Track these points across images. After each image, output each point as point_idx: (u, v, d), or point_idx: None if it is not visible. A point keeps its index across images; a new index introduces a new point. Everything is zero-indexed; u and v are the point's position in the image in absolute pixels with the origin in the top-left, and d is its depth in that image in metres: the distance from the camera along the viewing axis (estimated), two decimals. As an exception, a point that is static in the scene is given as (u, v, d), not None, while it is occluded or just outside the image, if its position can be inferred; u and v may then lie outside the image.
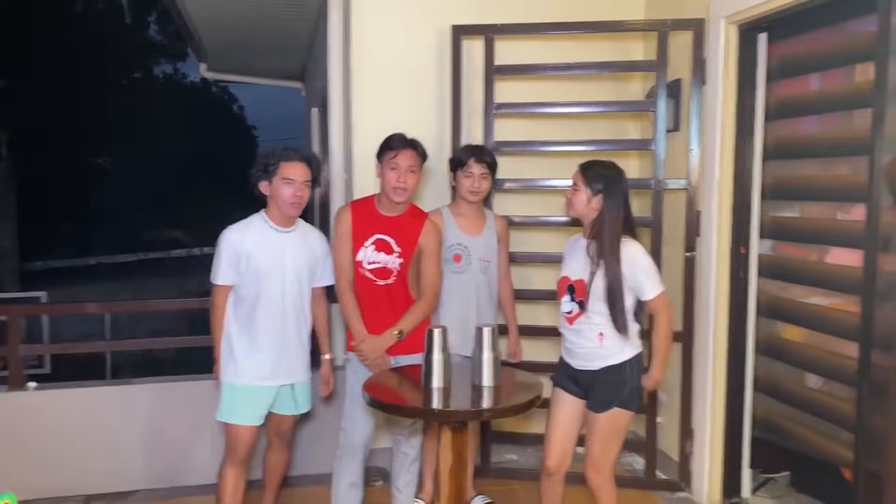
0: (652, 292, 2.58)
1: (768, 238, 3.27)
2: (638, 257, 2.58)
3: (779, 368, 3.24)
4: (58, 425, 3.60)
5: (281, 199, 2.80)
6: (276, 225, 2.86)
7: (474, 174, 3.11)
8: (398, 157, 2.91)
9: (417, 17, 3.68)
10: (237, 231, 2.84)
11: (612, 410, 2.59)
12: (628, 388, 2.59)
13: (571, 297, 2.65)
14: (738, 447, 3.35)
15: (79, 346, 5.58)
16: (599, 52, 3.71)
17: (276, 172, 2.79)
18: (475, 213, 3.23)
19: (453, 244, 3.17)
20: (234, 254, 2.80)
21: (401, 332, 2.95)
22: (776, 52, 3.19)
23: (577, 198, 2.63)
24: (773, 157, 3.23)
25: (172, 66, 21.12)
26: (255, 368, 2.85)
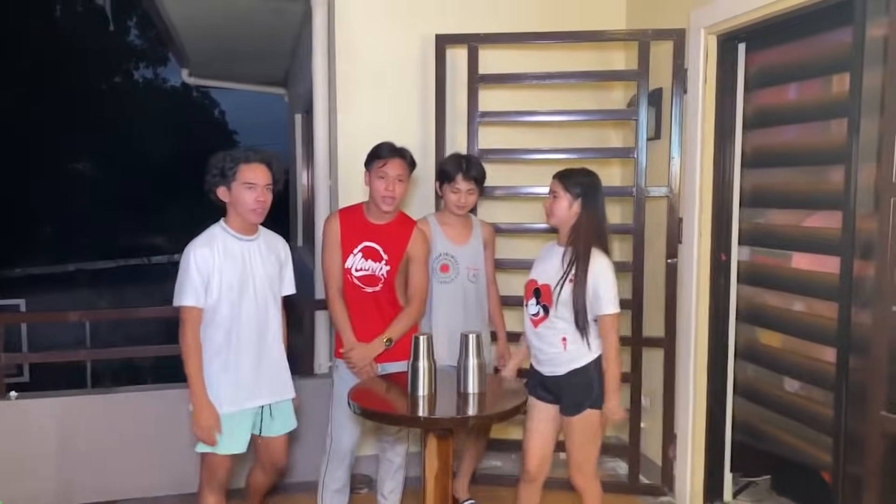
0: (607, 309, 2.60)
1: (747, 245, 3.32)
2: (604, 272, 2.61)
3: (758, 373, 3.29)
4: (40, 434, 3.56)
5: (242, 205, 2.60)
6: (238, 234, 2.66)
7: (461, 190, 3.10)
8: (386, 165, 2.92)
9: (401, 26, 3.71)
10: (203, 245, 2.59)
11: (585, 412, 2.63)
12: (596, 389, 2.64)
13: (537, 300, 2.71)
14: (720, 451, 3.39)
15: (60, 354, 5.55)
16: (582, 62, 3.75)
17: (235, 177, 2.59)
18: (462, 222, 3.24)
19: (441, 254, 3.17)
20: (203, 272, 2.56)
21: (389, 340, 2.97)
22: (755, 62, 3.25)
23: (557, 205, 2.68)
24: (751, 165, 3.28)
25: (153, 71, 21.00)
26: (232, 392, 2.64)
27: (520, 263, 3.69)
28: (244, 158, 2.61)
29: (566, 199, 2.66)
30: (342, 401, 2.87)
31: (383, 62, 3.71)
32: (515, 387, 2.71)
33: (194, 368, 2.58)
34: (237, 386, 2.65)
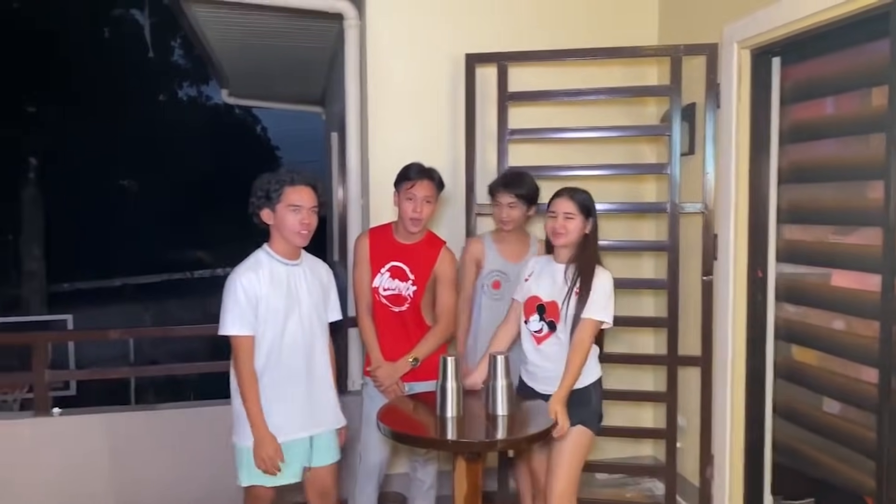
0: (593, 314, 2.61)
1: (784, 261, 3.24)
2: (604, 283, 2.66)
3: (798, 393, 3.20)
4: (82, 450, 3.64)
5: (287, 228, 2.55)
6: (283, 258, 2.61)
7: (502, 204, 3.11)
8: (414, 187, 2.94)
9: (431, 45, 3.73)
10: (249, 271, 2.54)
11: (576, 428, 2.62)
12: (591, 409, 2.67)
13: (541, 316, 2.70)
14: (759, 473, 3.31)
15: (103, 372, 5.71)
16: (613, 77, 3.72)
17: (279, 199, 2.54)
18: (517, 240, 3.23)
19: (493, 270, 3.18)
20: (251, 298, 2.50)
21: (416, 360, 2.98)
22: (790, 76, 3.18)
23: (573, 224, 2.68)
24: (787, 181, 3.21)
25: (196, 89, 21.45)
26: (283, 422, 2.58)
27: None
28: (289, 180, 2.56)
29: (580, 219, 2.68)
30: (371, 420, 2.87)
31: (414, 82, 3.74)
32: (544, 407, 2.67)
33: (252, 399, 2.52)
34: (288, 415, 2.59)
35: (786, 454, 3.28)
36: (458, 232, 3.60)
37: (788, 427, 3.25)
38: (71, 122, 16.29)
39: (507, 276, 3.17)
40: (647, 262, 4.00)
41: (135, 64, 17.34)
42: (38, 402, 3.76)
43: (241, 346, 2.52)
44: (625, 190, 3.88)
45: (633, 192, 3.91)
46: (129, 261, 18.88)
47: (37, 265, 14.67)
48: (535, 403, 2.65)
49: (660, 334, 3.83)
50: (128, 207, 19.75)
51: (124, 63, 16.95)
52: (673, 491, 3.57)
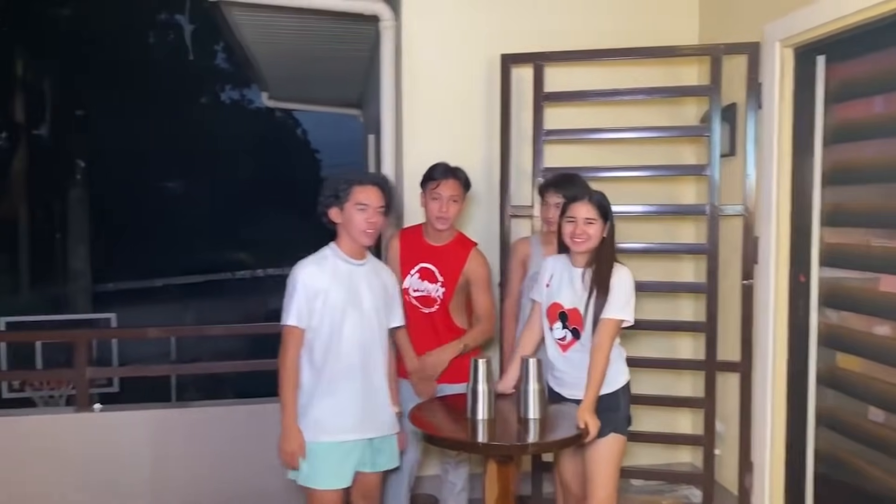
0: (612, 313, 2.54)
1: (828, 265, 3.15)
2: (624, 281, 2.59)
3: (842, 401, 3.11)
4: (122, 445, 3.71)
5: (354, 226, 2.59)
6: (348, 257, 2.65)
7: (550, 204, 3.03)
8: (440, 186, 2.95)
9: (467, 47, 3.72)
10: (312, 265, 2.60)
11: (610, 436, 2.57)
12: (622, 415, 2.62)
13: (564, 324, 2.64)
14: (801, 483, 3.21)
15: (143, 369, 5.81)
16: (652, 77, 3.66)
17: (347, 198, 2.59)
18: None
19: (537, 272, 3.14)
20: (310, 291, 2.55)
21: (466, 346, 3.00)
22: (835, 75, 3.09)
23: (594, 230, 2.59)
24: (832, 183, 3.12)
25: (239, 93, 21.78)
26: (333, 421, 2.58)
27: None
28: (358, 180, 2.63)
29: (600, 222, 2.61)
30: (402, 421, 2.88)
31: (449, 82, 3.73)
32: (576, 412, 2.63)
33: (288, 391, 2.56)
34: (339, 415, 2.58)
35: (829, 464, 3.18)
36: (492, 233, 3.59)
37: (832, 436, 3.16)
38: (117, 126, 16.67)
39: None
40: (685, 265, 3.92)
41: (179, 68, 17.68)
42: (79, 397, 3.84)
43: (291, 337, 2.56)
44: (663, 192, 3.82)
45: (671, 193, 3.85)
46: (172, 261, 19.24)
47: (82, 265, 15.06)
48: (567, 407, 2.61)
49: (698, 339, 3.75)
50: (171, 209, 20.13)
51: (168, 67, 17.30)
52: (710, 499, 3.49)
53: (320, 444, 2.57)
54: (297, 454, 2.55)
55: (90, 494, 3.63)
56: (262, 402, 4.00)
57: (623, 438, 2.64)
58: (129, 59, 15.94)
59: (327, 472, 2.57)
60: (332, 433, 2.57)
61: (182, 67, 17.67)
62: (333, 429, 2.57)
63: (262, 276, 20.47)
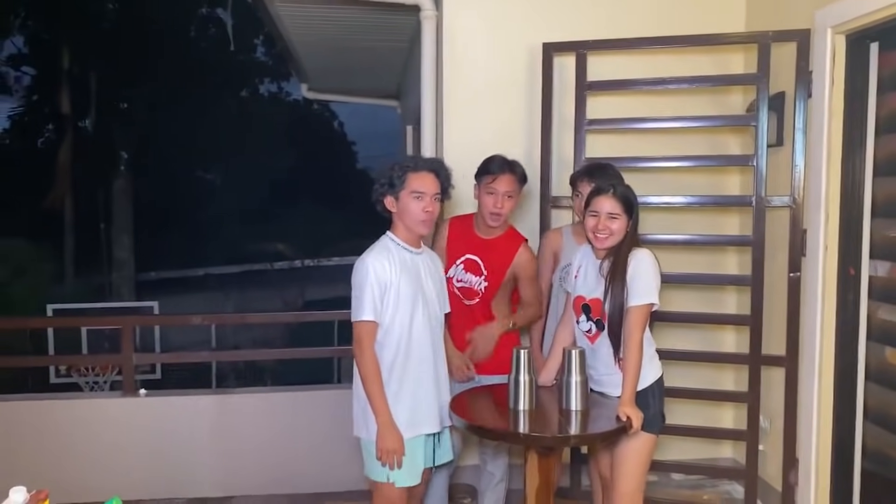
0: (637, 300, 2.44)
1: (880, 259, 3.07)
2: (642, 264, 2.49)
3: (891, 397, 3.03)
4: (165, 430, 3.80)
5: (410, 215, 2.50)
6: (408, 246, 2.56)
7: (584, 194, 2.95)
8: (496, 181, 2.90)
9: (509, 35, 3.69)
10: (380, 258, 2.47)
11: (639, 434, 2.48)
12: (651, 412, 2.51)
13: (588, 316, 2.58)
14: (848, 480, 3.14)
15: (186, 355, 5.93)
16: (696, 66, 3.59)
17: (403, 185, 2.49)
18: None
19: (569, 264, 3.08)
20: (382, 285, 2.44)
21: (514, 324, 2.99)
22: (889, 62, 3.00)
23: (617, 225, 2.50)
24: (884, 173, 3.04)
25: (277, 85, 21.94)
26: (410, 416, 2.49)
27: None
28: (412, 167, 2.52)
29: (624, 219, 2.51)
30: None
31: (490, 72, 3.71)
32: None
33: (376, 388, 2.43)
34: (415, 410, 2.51)
35: (877, 461, 3.11)
36: (532, 224, 3.56)
37: (880, 432, 3.08)
38: (159, 118, 16.95)
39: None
40: (730, 257, 3.85)
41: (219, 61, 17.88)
42: (125, 382, 3.93)
43: (366, 332, 2.44)
44: (707, 182, 3.75)
45: (715, 184, 3.78)
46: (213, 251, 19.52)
47: (126, 254, 15.37)
48: (610, 399, 2.59)
49: (742, 332, 3.69)
50: (211, 200, 20.41)
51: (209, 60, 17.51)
52: (754, 495, 3.44)
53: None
54: (399, 452, 2.45)
55: (136, 477, 3.71)
56: (303, 389, 4.06)
57: (653, 437, 2.56)
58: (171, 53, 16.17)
59: (406, 468, 2.49)
60: (412, 428, 2.50)
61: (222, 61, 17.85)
62: (412, 424, 2.50)
63: (300, 267, 20.66)
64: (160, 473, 3.76)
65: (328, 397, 3.86)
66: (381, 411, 2.43)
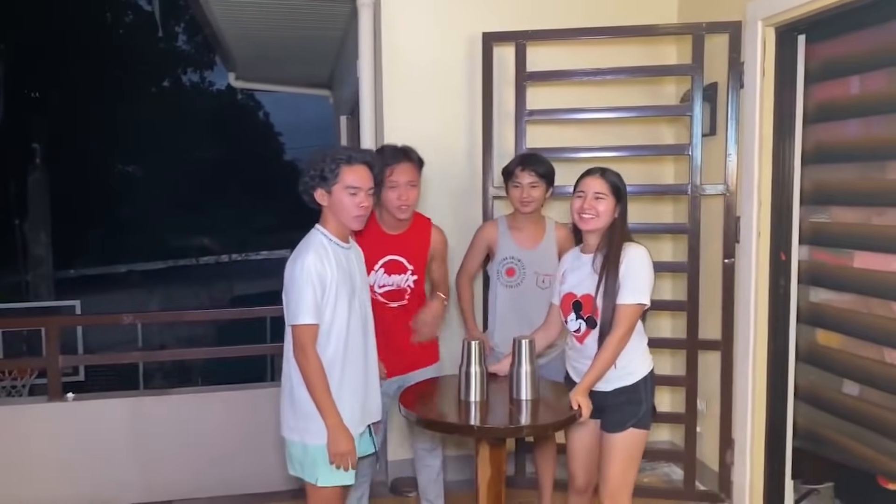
0: (628, 298, 2.40)
1: (808, 244, 3.19)
2: (636, 261, 2.44)
3: (820, 377, 3.16)
4: (95, 434, 3.64)
5: (344, 211, 2.38)
6: (340, 241, 2.44)
7: (522, 184, 2.97)
8: (394, 173, 2.74)
9: (448, 25, 3.66)
10: (318, 257, 2.34)
11: (629, 431, 2.47)
12: (644, 408, 2.48)
13: (577, 314, 2.53)
14: (781, 457, 3.27)
15: (116, 356, 5.69)
16: (631, 57, 3.64)
17: (336, 179, 2.36)
18: (533, 225, 3.09)
19: (506, 257, 3.07)
20: (321, 285, 2.32)
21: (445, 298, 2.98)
22: (816, 54, 3.12)
23: (604, 206, 2.46)
24: (812, 162, 3.16)
25: (200, 75, 21.33)
26: (354, 412, 2.43)
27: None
28: (346, 159, 2.37)
29: (611, 199, 2.48)
30: None
31: (429, 62, 3.67)
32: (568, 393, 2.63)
33: (324, 392, 2.32)
34: (354, 407, 2.44)
35: (807, 439, 3.25)
36: (474, 216, 3.55)
37: (810, 411, 3.22)
38: (75, 108, 16.22)
39: (521, 263, 3.06)
40: (665, 245, 3.94)
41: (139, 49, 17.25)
42: (51, 386, 3.74)
43: (312, 336, 2.32)
44: (643, 172, 3.82)
45: (651, 173, 3.86)
46: (135, 247, 18.89)
47: (43, 251, 14.63)
48: (560, 387, 2.60)
49: (678, 318, 3.79)
50: (133, 194, 19.74)
51: (128, 48, 16.86)
52: (692, 476, 3.54)
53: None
54: (352, 454, 2.37)
55: (66, 484, 3.55)
56: (237, 388, 3.96)
57: (644, 433, 2.51)
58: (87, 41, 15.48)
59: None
60: (356, 426, 2.43)
61: (143, 49, 17.23)
62: (357, 421, 2.44)
63: (227, 262, 20.22)
64: (93, 480, 3.60)
65: (262, 396, 3.75)
66: (330, 413, 2.34)
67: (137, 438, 3.66)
